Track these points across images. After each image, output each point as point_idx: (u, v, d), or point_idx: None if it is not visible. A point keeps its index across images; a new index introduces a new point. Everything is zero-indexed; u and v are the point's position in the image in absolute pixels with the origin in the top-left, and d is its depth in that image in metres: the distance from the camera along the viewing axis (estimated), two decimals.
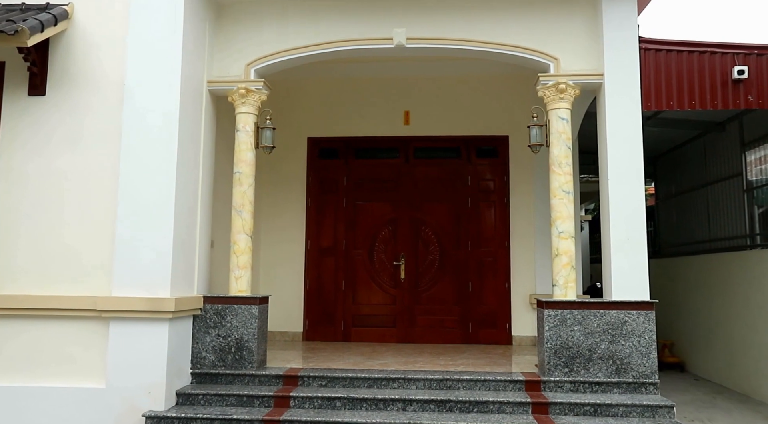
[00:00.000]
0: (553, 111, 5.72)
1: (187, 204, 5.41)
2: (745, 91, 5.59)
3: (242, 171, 5.85)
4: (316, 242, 8.22)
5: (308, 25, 5.99)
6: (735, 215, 7.64)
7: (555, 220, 5.58)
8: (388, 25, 5.94)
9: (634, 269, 5.40)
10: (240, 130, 5.91)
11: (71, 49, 5.40)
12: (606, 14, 5.61)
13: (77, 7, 5.45)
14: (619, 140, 5.52)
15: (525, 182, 7.97)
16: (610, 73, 5.57)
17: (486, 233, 8.04)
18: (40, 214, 5.25)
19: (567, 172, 5.63)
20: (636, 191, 5.49)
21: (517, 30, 5.86)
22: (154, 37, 5.29)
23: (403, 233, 8.11)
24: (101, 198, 5.23)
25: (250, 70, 5.95)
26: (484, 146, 8.16)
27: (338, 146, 8.33)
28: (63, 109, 5.32)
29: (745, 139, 7.31)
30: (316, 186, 8.29)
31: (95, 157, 5.26)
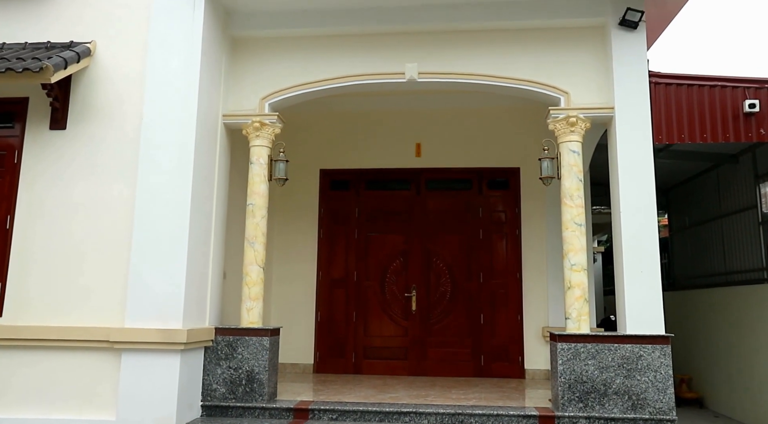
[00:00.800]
0: (564, 144, 5.75)
1: (200, 236, 5.47)
2: (757, 125, 5.60)
3: (255, 203, 5.91)
4: (328, 273, 8.23)
5: (322, 60, 6.12)
6: (750, 248, 7.56)
7: (567, 252, 5.56)
8: (400, 60, 6.04)
9: (648, 302, 5.33)
10: (254, 162, 5.99)
11: (92, 85, 5.55)
12: (615, 49, 5.67)
13: (99, 44, 5.63)
14: (630, 173, 5.52)
15: (537, 214, 7.97)
16: (621, 107, 5.61)
17: (498, 264, 8.01)
18: (56, 245, 5.33)
19: (579, 204, 5.63)
20: (649, 224, 5.47)
21: (527, 64, 5.93)
22: (171, 73, 5.43)
23: (414, 264, 8.10)
24: (117, 229, 5.31)
25: (264, 103, 6.07)
26: (496, 178, 8.20)
27: (350, 178, 8.40)
28: (82, 143, 5.46)
29: (758, 171, 7.28)
30: (328, 217, 8.34)
31: (112, 190, 5.36)
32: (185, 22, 5.50)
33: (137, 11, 5.67)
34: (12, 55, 5.13)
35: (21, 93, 5.54)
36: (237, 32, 6.16)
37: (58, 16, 5.74)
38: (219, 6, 5.91)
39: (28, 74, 4.78)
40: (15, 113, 5.56)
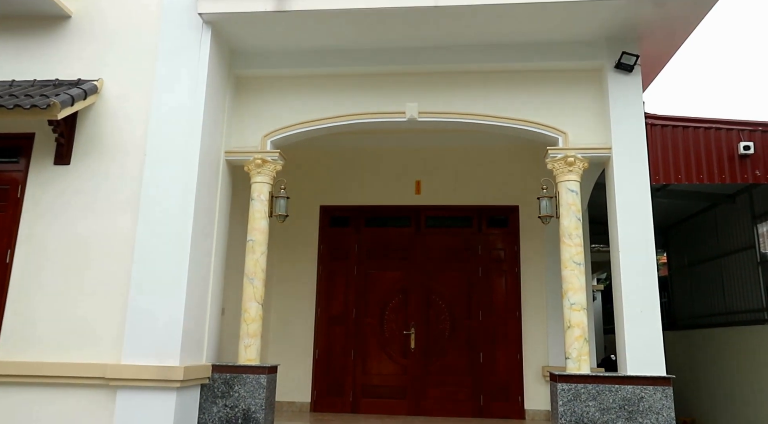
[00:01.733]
0: (562, 183, 5.81)
1: (199, 272, 5.47)
2: (753, 166, 5.67)
3: (255, 239, 5.93)
4: (326, 310, 8.18)
5: (324, 98, 6.23)
6: (750, 288, 7.56)
7: (566, 291, 5.56)
8: (401, 100, 6.16)
9: (648, 342, 5.30)
10: (255, 199, 6.04)
11: (97, 121, 5.65)
12: (612, 91, 5.79)
13: (106, 81, 5.74)
14: (628, 213, 5.56)
15: (536, 252, 7.97)
16: (618, 148, 5.69)
17: (497, 302, 7.98)
18: (55, 280, 5.33)
19: (577, 243, 5.65)
20: (648, 264, 5.48)
21: (526, 105, 6.04)
22: (176, 111, 5.53)
23: (413, 301, 8.07)
24: (117, 265, 5.31)
25: (266, 141, 6.15)
26: (495, 216, 8.23)
27: (350, 215, 8.44)
28: (85, 178, 5.51)
29: (755, 211, 7.33)
30: (327, 254, 8.34)
31: (113, 226, 5.39)
32: (191, 61, 5.63)
33: (145, 50, 5.80)
34: (21, 92, 5.24)
35: (27, 129, 5.63)
36: (241, 71, 6.30)
37: (66, 54, 5.88)
38: (224, 46, 6.06)
39: (36, 111, 4.87)
40: (20, 148, 5.64)
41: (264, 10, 5.51)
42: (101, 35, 5.91)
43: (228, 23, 5.76)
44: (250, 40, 6.06)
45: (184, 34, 5.70)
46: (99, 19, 5.95)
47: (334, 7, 5.47)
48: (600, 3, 5.30)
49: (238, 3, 5.57)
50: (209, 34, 5.71)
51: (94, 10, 5.97)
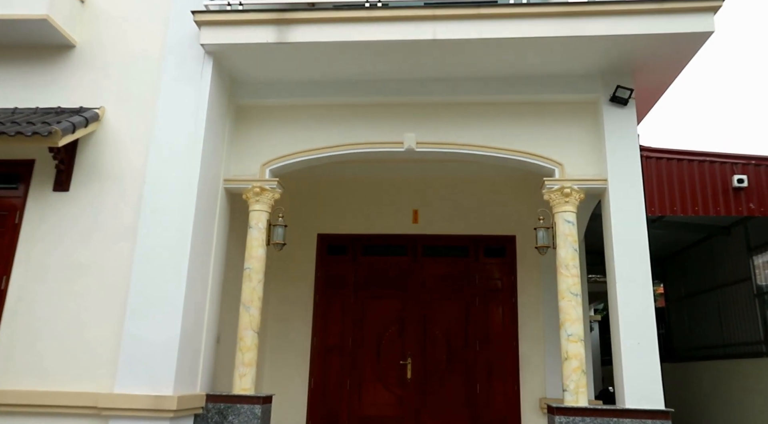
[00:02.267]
0: (559, 214, 5.84)
1: (196, 300, 5.44)
2: (747, 199, 5.73)
3: (252, 267, 5.92)
4: (323, 339, 8.12)
5: (322, 128, 6.29)
6: (748, 320, 7.54)
7: (564, 322, 5.54)
8: (399, 130, 6.22)
9: (646, 375, 5.27)
10: (252, 227, 6.05)
11: (98, 148, 5.69)
12: (607, 124, 5.86)
13: (108, 109, 5.80)
14: (625, 245, 5.58)
15: (533, 282, 7.96)
16: (614, 180, 5.73)
17: (494, 332, 7.94)
18: (50, 307, 5.30)
19: (574, 274, 5.66)
20: (645, 296, 5.47)
21: (522, 136, 6.11)
22: (176, 139, 5.57)
23: (410, 331, 8.02)
24: (113, 292, 5.29)
25: (265, 169, 6.19)
26: (492, 246, 8.24)
27: (347, 243, 8.44)
28: (84, 205, 5.53)
29: (751, 243, 7.37)
30: (324, 282, 8.32)
31: (110, 252, 5.39)
32: (192, 90, 5.70)
33: (147, 79, 5.88)
34: (23, 119, 5.29)
35: (28, 155, 5.66)
36: (241, 100, 6.37)
37: (69, 82, 5.95)
38: (225, 75, 6.14)
39: (38, 138, 4.91)
40: (20, 174, 5.67)
41: (265, 41, 5.61)
42: (104, 64, 6.00)
43: (229, 54, 5.85)
44: (250, 70, 6.15)
45: (186, 64, 5.78)
46: (103, 49, 6.04)
47: (334, 39, 5.57)
48: (594, 38, 5.41)
49: (240, 34, 5.66)
50: (211, 64, 5.79)
51: (99, 40, 6.07)
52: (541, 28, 5.40)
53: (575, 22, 5.38)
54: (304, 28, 5.60)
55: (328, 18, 5.59)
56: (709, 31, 5.22)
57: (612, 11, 5.35)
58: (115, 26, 6.10)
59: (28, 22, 5.66)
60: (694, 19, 5.24)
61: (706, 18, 5.23)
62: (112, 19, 6.13)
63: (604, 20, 5.35)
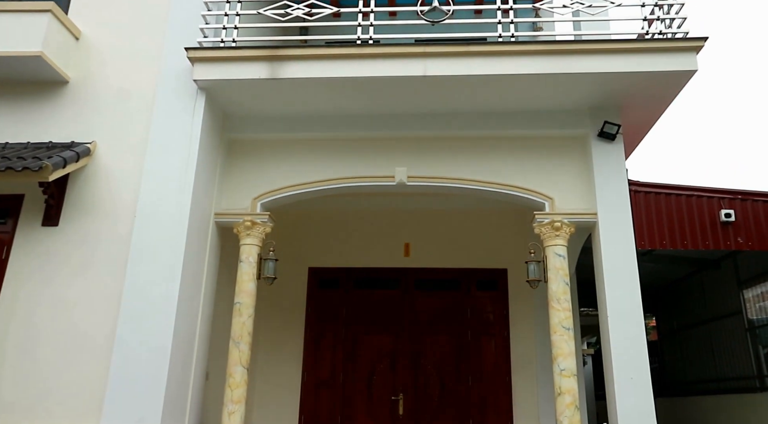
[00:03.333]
0: (549, 247, 5.86)
1: (185, 336, 5.37)
2: (735, 233, 5.78)
3: (243, 302, 5.87)
4: (313, 374, 8.00)
5: (314, 162, 6.32)
6: (740, 355, 7.52)
7: (556, 357, 5.51)
8: (391, 164, 6.27)
9: (640, 410, 5.22)
10: (243, 261, 6.02)
11: (88, 182, 5.68)
12: (596, 158, 5.94)
13: (99, 144, 5.81)
14: (615, 277, 5.59)
15: (525, 316, 7.92)
16: (603, 213, 5.78)
17: (487, 367, 7.85)
18: (36, 342, 5.21)
19: (566, 308, 5.64)
20: (637, 329, 5.46)
21: (513, 170, 6.16)
22: (168, 173, 5.57)
23: (402, 365, 7.92)
24: (100, 327, 5.22)
25: (256, 203, 6.19)
26: (484, 279, 8.22)
27: (339, 276, 8.39)
28: (73, 239, 5.49)
29: (741, 277, 7.40)
30: (315, 316, 8.23)
31: (99, 287, 5.33)
32: (185, 125, 5.73)
33: (139, 113, 5.91)
34: (13, 154, 5.28)
35: (17, 190, 5.64)
36: (233, 135, 6.41)
37: (62, 117, 5.96)
38: (217, 110, 6.19)
39: (28, 173, 4.91)
40: (8, 209, 5.63)
41: (258, 77, 5.68)
42: (97, 99, 6.02)
43: (222, 89, 5.91)
44: (243, 105, 6.20)
45: (179, 99, 5.82)
46: (96, 84, 6.08)
47: (325, 75, 5.65)
48: (580, 76, 5.52)
49: (233, 70, 5.73)
50: (203, 99, 5.84)
51: (92, 76, 6.11)
52: (529, 66, 5.51)
53: (561, 60, 5.49)
54: (296, 64, 5.68)
55: (319, 55, 5.68)
56: (693, 69, 5.34)
57: (597, 49, 5.48)
58: (108, 62, 6.15)
59: (23, 59, 5.71)
60: (677, 58, 5.37)
61: (689, 57, 5.37)
62: (106, 55, 6.18)
63: (590, 58, 5.47)
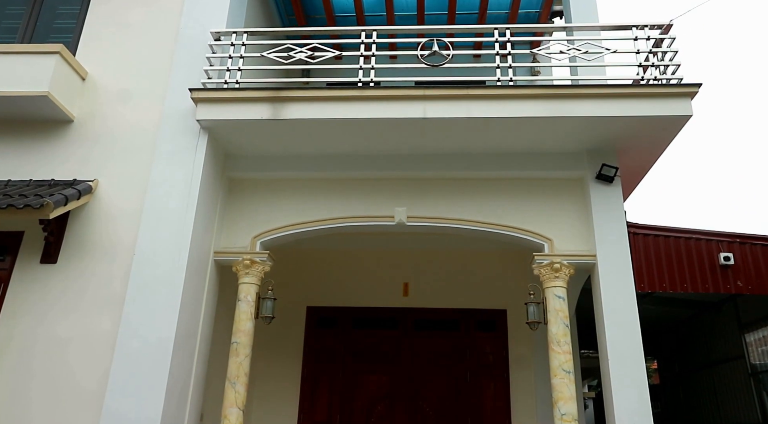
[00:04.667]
0: (549, 289, 5.83)
1: (180, 376, 5.29)
2: (734, 276, 5.77)
3: (240, 341, 5.81)
4: (310, 415, 7.85)
5: (314, 201, 6.35)
6: (744, 400, 7.40)
7: (557, 401, 5.42)
8: (390, 204, 6.29)
9: None
10: (241, 300, 5.98)
11: (88, 220, 5.69)
12: (594, 200, 5.96)
13: (101, 181, 5.85)
14: (616, 320, 5.54)
15: (525, 357, 7.83)
16: (602, 255, 5.77)
17: (486, 409, 7.72)
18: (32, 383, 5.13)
19: (566, 350, 5.58)
20: (638, 372, 5.37)
21: (512, 211, 6.18)
22: (168, 212, 5.58)
23: (400, 407, 7.79)
24: (95, 367, 5.15)
25: (256, 242, 6.19)
26: (483, 319, 8.16)
27: (337, 316, 8.33)
28: (71, 277, 5.46)
29: (742, 320, 7.34)
30: (312, 356, 8.14)
31: (95, 326, 5.28)
32: (186, 164, 5.77)
33: (141, 152, 5.96)
34: (15, 192, 5.31)
35: (17, 227, 5.65)
36: (234, 173, 6.45)
37: (65, 155, 6.01)
38: (219, 150, 6.25)
39: (29, 210, 4.92)
40: (7, 247, 5.62)
41: (260, 117, 5.75)
42: (100, 137, 6.08)
43: (224, 129, 5.98)
44: (244, 144, 6.27)
45: (182, 139, 5.89)
46: (99, 123, 6.15)
47: (326, 116, 5.73)
48: (577, 119, 5.59)
49: (235, 111, 5.82)
50: (206, 138, 5.90)
51: (96, 115, 6.20)
52: (527, 109, 5.59)
53: (559, 104, 5.58)
54: (298, 105, 5.76)
55: (321, 97, 5.77)
56: (687, 114, 5.42)
57: (594, 94, 5.58)
58: (112, 102, 6.24)
59: (30, 99, 5.78)
60: (672, 104, 5.46)
61: (684, 103, 5.45)
62: (111, 94, 6.28)
63: (587, 102, 5.56)
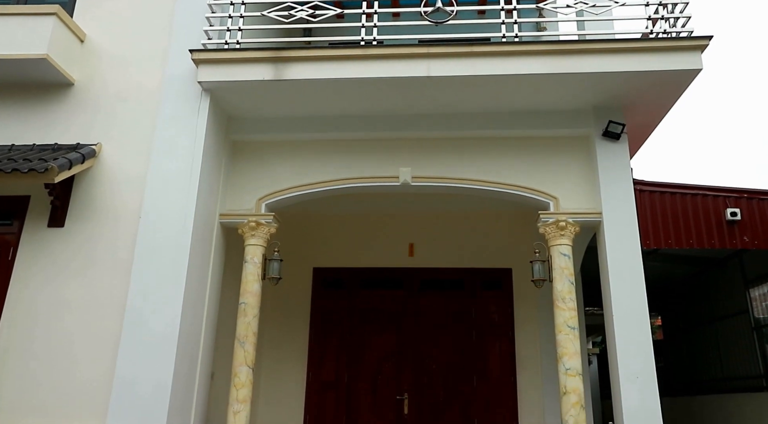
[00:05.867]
0: (554, 247, 5.85)
1: (190, 337, 5.38)
2: (740, 232, 5.75)
3: (248, 302, 5.88)
4: (318, 375, 8.00)
5: (318, 163, 6.33)
6: (747, 354, 7.49)
7: (561, 356, 5.50)
8: (395, 165, 6.26)
9: (646, 409, 5.21)
10: (248, 261, 6.03)
11: (94, 184, 5.70)
12: (600, 158, 5.91)
13: (104, 146, 5.84)
14: (621, 277, 5.57)
15: (530, 315, 7.91)
16: (608, 213, 5.76)
17: (492, 367, 7.84)
18: (42, 343, 5.24)
19: (571, 307, 5.63)
20: (642, 328, 5.44)
21: (517, 170, 6.15)
22: (173, 176, 5.59)
23: (407, 366, 7.92)
24: (106, 328, 5.24)
25: (261, 204, 6.20)
26: (489, 279, 8.21)
27: (343, 277, 8.40)
28: (79, 241, 5.51)
29: (747, 276, 7.37)
30: (320, 316, 8.24)
31: (105, 288, 5.35)
32: (189, 127, 5.74)
33: (144, 116, 5.94)
34: (20, 156, 5.31)
35: (23, 191, 5.67)
36: (237, 136, 6.42)
37: (67, 119, 6.00)
38: (221, 113, 6.20)
39: (34, 175, 4.93)
40: (15, 211, 5.66)
41: (262, 78, 5.68)
42: (102, 101, 6.05)
43: (226, 91, 5.92)
44: (247, 106, 6.22)
45: (184, 102, 5.84)
46: (101, 86, 6.11)
47: (329, 76, 5.65)
48: (584, 75, 5.49)
49: (237, 72, 5.74)
50: (208, 101, 5.85)
51: (97, 78, 6.15)
52: (532, 66, 5.50)
53: (565, 60, 5.48)
54: (301, 65, 5.68)
55: (323, 56, 5.68)
56: (697, 68, 5.32)
57: (601, 49, 5.46)
58: (113, 65, 6.18)
59: (28, 62, 5.74)
60: (681, 58, 5.35)
61: (694, 56, 5.34)
62: (110, 57, 6.22)
63: (594, 58, 5.45)
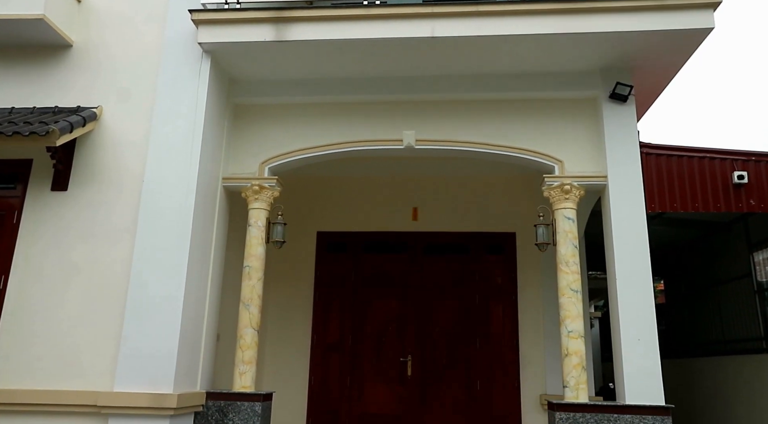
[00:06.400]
0: (558, 211, 5.83)
1: (196, 299, 5.44)
2: (747, 195, 5.71)
3: (252, 265, 5.92)
4: (323, 337, 8.12)
5: (321, 126, 6.27)
6: (748, 317, 7.53)
7: (564, 319, 5.54)
8: (399, 127, 6.20)
9: (647, 371, 5.26)
10: (252, 225, 6.04)
11: (96, 148, 5.68)
12: (607, 120, 5.84)
13: (105, 109, 5.79)
14: (625, 240, 5.57)
15: (533, 279, 7.95)
16: (614, 176, 5.72)
17: (495, 330, 7.93)
18: (50, 307, 5.30)
19: (574, 271, 5.65)
20: (645, 291, 5.46)
21: (522, 133, 6.08)
22: (175, 139, 5.55)
23: (410, 328, 8.01)
24: (111, 292, 5.29)
25: (264, 167, 6.18)
26: (492, 243, 8.22)
27: (347, 241, 8.42)
28: (82, 205, 5.52)
29: (751, 240, 7.35)
30: (324, 280, 8.30)
31: (109, 252, 5.38)
32: (190, 89, 5.68)
33: (144, 78, 5.86)
34: (20, 119, 5.28)
35: (25, 155, 5.65)
36: (239, 99, 6.35)
37: (67, 82, 5.94)
38: (223, 75, 6.12)
39: (35, 138, 4.90)
40: (18, 174, 5.66)
41: (263, 39, 5.58)
42: (102, 64, 5.98)
43: (227, 53, 5.83)
44: (248, 69, 6.13)
45: (184, 64, 5.76)
46: (100, 49, 6.03)
47: (332, 37, 5.55)
48: (593, 35, 5.38)
49: (237, 33, 5.64)
50: (208, 63, 5.77)
51: (96, 40, 6.06)
52: (539, 25, 5.38)
53: (573, 19, 5.35)
54: (302, 26, 5.57)
55: (326, 16, 5.57)
56: (709, 27, 5.19)
57: (610, 8, 5.32)
58: (111, 26, 6.08)
59: (25, 22, 5.64)
60: (693, 16, 5.21)
61: (706, 14, 5.20)
62: (109, 18, 6.11)
63: (603, 17, 5.32)
